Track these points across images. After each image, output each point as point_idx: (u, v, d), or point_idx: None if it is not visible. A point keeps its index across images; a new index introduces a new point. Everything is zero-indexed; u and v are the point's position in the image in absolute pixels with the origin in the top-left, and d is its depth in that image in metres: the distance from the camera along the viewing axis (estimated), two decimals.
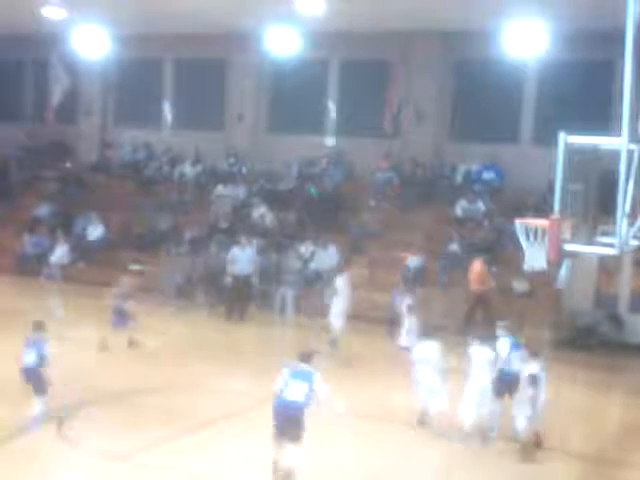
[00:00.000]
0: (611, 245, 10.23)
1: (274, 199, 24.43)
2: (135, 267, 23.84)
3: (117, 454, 11.64)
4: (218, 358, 16.48)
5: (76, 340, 17.60)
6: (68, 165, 28.71)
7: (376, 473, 11.52)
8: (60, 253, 24.10)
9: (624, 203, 10.02)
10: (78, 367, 15.25)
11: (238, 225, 23.99)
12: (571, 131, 10.51)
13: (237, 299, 20.62)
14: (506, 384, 12.64)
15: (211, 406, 12.36)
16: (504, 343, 12.86)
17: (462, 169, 24.11)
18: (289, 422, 10.40)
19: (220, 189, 25.24)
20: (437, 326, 16.16)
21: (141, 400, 13.56)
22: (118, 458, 11.56)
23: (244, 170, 26.34)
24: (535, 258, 10.61)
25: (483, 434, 12.52)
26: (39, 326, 12.84)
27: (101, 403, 13.49)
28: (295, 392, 10.38)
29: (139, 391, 13.67)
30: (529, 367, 12.30)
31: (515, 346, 12.85)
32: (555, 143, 10.46)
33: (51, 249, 24.28)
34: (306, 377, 10.47)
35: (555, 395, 15.27)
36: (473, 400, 12.51)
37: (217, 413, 11.88)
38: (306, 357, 10.72)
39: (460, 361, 12.94)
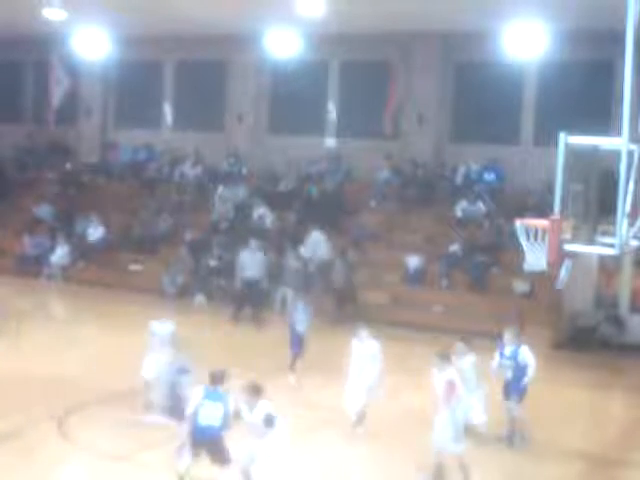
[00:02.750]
0: (611, 245, 10.22)
1: (274, 200, 24.44)
2: (135, 267, 23.98)
3: (117, 454, 11.65)
4: (217, 358, 16.40)
5: (76, 340, 17.64)
6: (68, 166, 28.72)
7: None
8: (60, 254, 24.16)
9: (624, 203, 10.01)
10: (78, 367, 15.27)
11: (239, 226, 24.04)
12: (571, 131, 10.51)
13: (247, 303, 20.43)
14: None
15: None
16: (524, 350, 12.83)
17: (462, 170, 24.11)
18: (208, 447, 10.10)
19: (221, 190, 25.24)
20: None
21: (141, 400, 13.53)
22: (118, 458, 11.57)
23: (244, 171, 26.36)
24: (535, 258, 10.61)
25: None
26: None
27: (101, 403, 13.49)
28: (210, 416, 10.00)
29: (139, 391, 13.64)
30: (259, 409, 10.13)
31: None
32: (555, 144, 10.44)
33: (51, 250, 24.33)
34: (220, 398, 10.07)
35: (555, 395, 15.35)
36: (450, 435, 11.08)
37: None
38: (218, 378, 10.18)
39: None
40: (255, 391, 10.12)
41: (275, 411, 10.15)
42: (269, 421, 9.95)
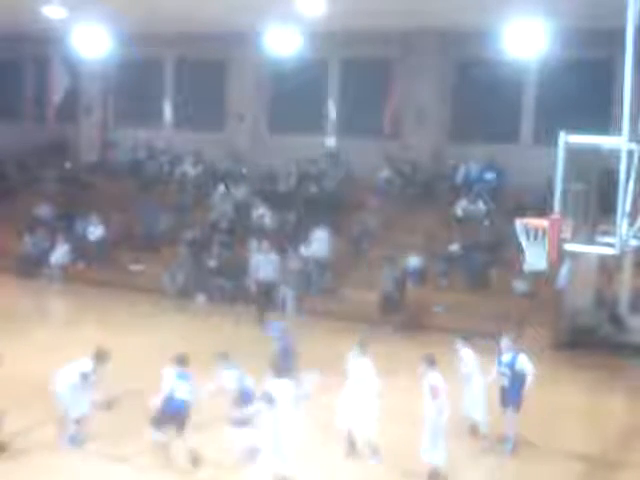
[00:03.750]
0: (611, 245, 10.21)
1: (274, 199, 24.41)
2: (135, 267, 23.96)
3: (117, 456, 11.64)
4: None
5: (76, 340, 17.60)
6: (68, 165, 28.69)
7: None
8: (60, 253, 24.12)
9: (624, 203, 10.01)
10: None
11: (239, 225, 24.01)
12: (571, 131, 10.50)
13: (260, 304, 20.27)
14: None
15: (210, 407, 12.39)
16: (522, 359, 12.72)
17: (462, 169, 24.09)
18: (178, 417, 11.50)
19: (221, 189, 25.22)
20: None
21: (141, 402, 13.50)
22: (118, 460, 11.56)
23: (244, 170, 26.33)
24: (535, 258, 10.59)
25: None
26: None
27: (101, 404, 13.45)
28: (183, 392, 11.58)
29: (139, 392, 13.62)
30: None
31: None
32: (555, 143, 10.44)
33: (51, 249, 24.30)
34: (188, 377, 11.74)
35: (555, 395, 15.33)
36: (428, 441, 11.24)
37: (215, 414, 11.93)
38: (184, 361, 11.94)
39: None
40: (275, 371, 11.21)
41: (279, 392, 10.61)
42: (268, 398, 10.54)
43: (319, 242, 22.02)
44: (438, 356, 11.93)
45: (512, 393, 12.54)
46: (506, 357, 12.67)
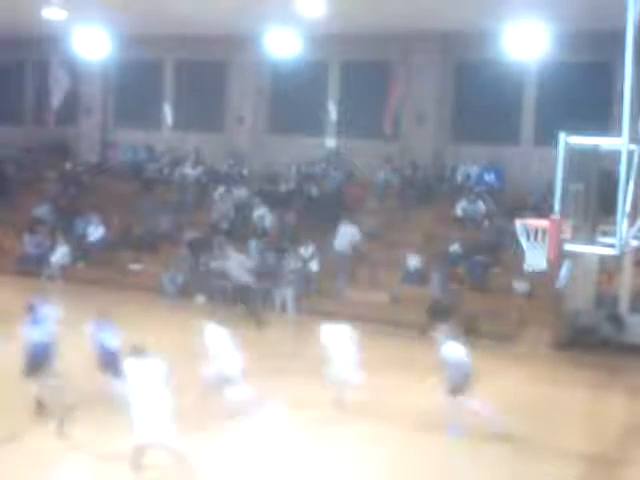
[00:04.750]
0: (611, 245, 10.26)
1: (274, 200, 24.45)
2: (135, 267, 23.99)
3: (114, 454, 11.65)
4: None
5: (76, 340, 17.61)
6: (68, 166, 28.72)
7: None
8: (60, 253, 24.14)
9: (624, 203, 10.05)
10: (77, 367, 15.25)
11: (239, 226, 24.04)
12: (571, 132, 10.55)
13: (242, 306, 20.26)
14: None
15: (207, 406, 12.44)
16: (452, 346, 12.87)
17: (462, 171, 24.14)
18: (43, 360, 12.72)
19: (221, 190, 25.25)
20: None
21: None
22: (115, 458, 11.57)
23: (244, 171, 26.38)
24: (535, 258, 10.64)
25: None
26: None
27: (99, 403, 13.46)
28: (41, 334, 12.99)
29: None
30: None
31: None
32: (555, 144, 10.50)
33: (51, 249, 24.32)
34: (43, 320, 13.11)
35: (555, 395, 15.37)
36: None
37: (214, 413, 11.97)
38: (32, 307, 13.46)
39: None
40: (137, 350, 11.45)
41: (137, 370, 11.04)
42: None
43: (343, 237, 22.03)
44: None
45: (452, 380, 12.64)
46: (445, 347, 12.80)
